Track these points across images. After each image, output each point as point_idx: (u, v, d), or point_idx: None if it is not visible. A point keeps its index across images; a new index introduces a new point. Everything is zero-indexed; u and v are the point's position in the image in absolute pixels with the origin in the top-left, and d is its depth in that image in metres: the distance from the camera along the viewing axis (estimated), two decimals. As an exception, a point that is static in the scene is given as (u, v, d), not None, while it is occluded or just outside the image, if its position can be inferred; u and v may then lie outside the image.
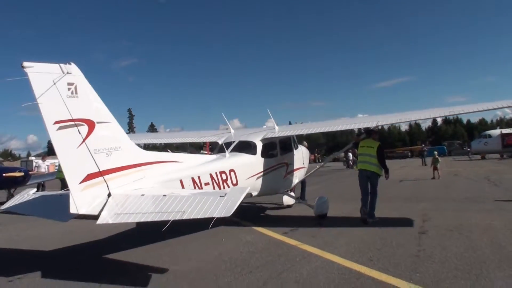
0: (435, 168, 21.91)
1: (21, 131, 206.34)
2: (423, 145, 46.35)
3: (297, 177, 12.26)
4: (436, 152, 23.04)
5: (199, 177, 8.17)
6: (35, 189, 8.68)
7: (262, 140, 10.70)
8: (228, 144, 10.47)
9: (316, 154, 52.57)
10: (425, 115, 12.51)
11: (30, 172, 19.30)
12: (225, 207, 5.60)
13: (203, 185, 8.20)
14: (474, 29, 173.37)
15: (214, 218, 5.44)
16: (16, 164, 50.00)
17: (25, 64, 5.70)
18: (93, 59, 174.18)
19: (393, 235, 7.79)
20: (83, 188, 6.09)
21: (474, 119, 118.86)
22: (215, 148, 11.84)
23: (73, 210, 5.87)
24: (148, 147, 15.84)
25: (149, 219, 5.78)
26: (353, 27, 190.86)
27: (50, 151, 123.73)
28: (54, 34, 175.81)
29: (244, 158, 10.00)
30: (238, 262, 6.43)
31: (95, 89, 6.59)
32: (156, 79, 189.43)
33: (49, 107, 5.87)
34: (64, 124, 6.03)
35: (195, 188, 7.97)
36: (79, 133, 6.18)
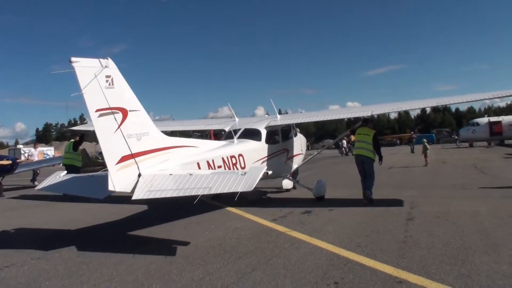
0: (425, 155, 22.07)
1: (9, 119, 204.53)
2: (412, 133, 46.52)
3: (296, 163, 12.96)
4: (425, 140, 23.14)
5: (213, 161, 9.01)
6: (65, 171, 9.34)
7: (266, 128, 11.61)
8: (234, 132, 11.31)
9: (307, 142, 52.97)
10: (416, 105, 14.59)
11: (18, 161, 19.20)
12: (247, 183, 6.54)
13: (216, 167, 9.03)
14: (466, 18, 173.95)
15: (238, 192, 6.45)
16: (4, 152, 49.64)
17: (73, 59, 6.52)
18: (81, 46, 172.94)
19: (381, 222, 7.86)
20: (118, 169, 6.99)
21: (463, 108, 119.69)
22: (217, 135, 12.81)
23: (111, 187, 6.81)
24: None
25: (180, 194, 6.79)
26: (344, 14, 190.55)
27: (38, 139, 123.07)
28: (42, 19, 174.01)
29: (250, 144, 10.84)
30: (227, 248, 6.46)
31: None
32: (144, 66, 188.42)
33: (91, 97, 6.72)
34: (103, 112, 6.89)
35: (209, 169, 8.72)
36: (115, 120, 7.04)
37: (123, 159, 7.08)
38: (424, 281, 4.59)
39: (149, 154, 7.59)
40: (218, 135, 13.00)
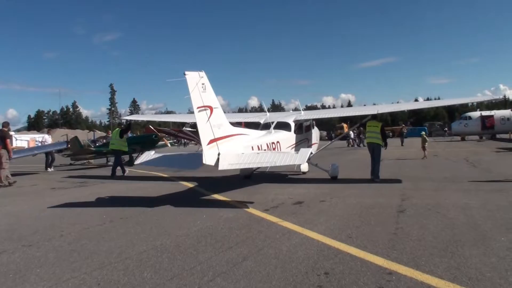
0: (423, 148, 22.11)
1: (1, 105, 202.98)
2: (403, 126, 46.72)
3: (313, 150, 15.52)
4: (424, 132, 23.15)
5: (260, 145, 11.78)
6: (153, 151, 12.67)
7: (294, 121, 14.49)
8: (268, 124, 14.23)
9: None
10: (414, 106, 22.45)
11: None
12: (300, 158, 10.13)
13: (262, 150, 11.67)
14: (459, 12, 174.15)
15: (295, 163, 10.72)
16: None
17: (186, 72, 9.53)
18: (74, 32, 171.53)
19: (373, 214, 7.90)
20: (208, 148, 9.77)
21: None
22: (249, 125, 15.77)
23: (204, 161, 9.54)
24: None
25: (253, 166, 11.37)
26: (338, 5, 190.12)
27: (29, 127, 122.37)
28: (35, 4, 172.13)
29: (284, 134, 13.63)
30: (219, 238, 6.47)
31: (76, 63, 7.16)
32: (138, 54, 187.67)
33: (195, 98, 9.66)
34: (201, 108, 9.81)
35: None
36: (207, 114, 9.93)
37: (211, 141, 9.91)
38: (414, 273, 4.61)
39: (224, 139, 10.33)
40: (250, 125, 15.41)
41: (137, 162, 12.98)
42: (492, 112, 48.83)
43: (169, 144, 31.73)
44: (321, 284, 4.39)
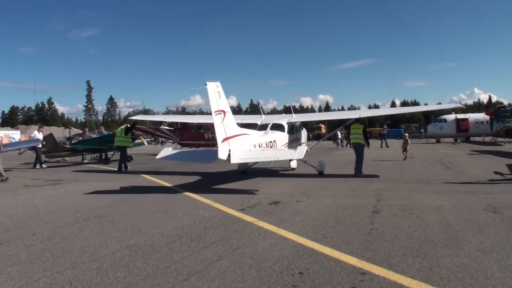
0: (404, 150, 22.28)
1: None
2: (385, 127, 47.13)
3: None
4: (407, 134, 23.32)
5: (261, 143, 13.86)
6: (170, 148, 16.09)
7: (287, 123, 16.58)
8: (265, 125, 16.25)
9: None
10: (392, 111, 32.55)
11: None
12: (299, 154, 12.40)
13: (263, 147, 13.75)
14: (437, 15, 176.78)
15: (294, 159, 13.99)
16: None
17: (207, 82, 11.74)
18: (50, 28, 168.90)
19: (348, 214, 7.96)
20: (222, 145, 11.68)
21: (431, 103, 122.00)
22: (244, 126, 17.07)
23: (219, 156, 11.49)
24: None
25: (259, 160, 13.15)
26: (316, 7, 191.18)
27: (3, 123, 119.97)
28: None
29: (279, 134, 15.73)
30: (194, 237, 6.44)
31: (52, 59, 7.17)
32: (116, 52, 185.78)
33: (213, 104, 11.78)
34: (217, 112, 11.90)
35: None
36: (221, 117, 11.99)
37: (224, 139, 11.85)
38: (386, 273, 4.66)
39: (233, 138, 12.27)
40: (245, 126, 16.23)
41: (157, 157, 14.60)
42: (467, 115, 49.70)
43: (145, 142, 31.52)
44: (295, 284, 4.40)
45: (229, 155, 11.63)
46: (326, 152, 31.72)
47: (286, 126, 16.34)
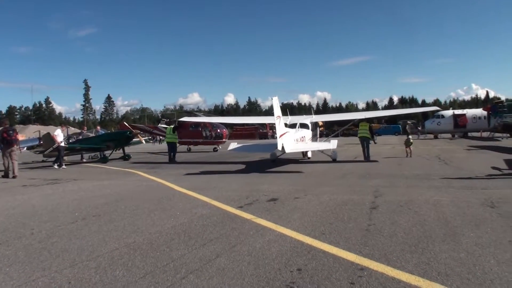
0: (407, 147, 21.70)
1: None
2: (383, 123, 47.39)
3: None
4: (410, 136, 23.04)
5: (297, 139, 19.01)
6: (236, 142, 23.04)
7: (310, 122, 21.65)
8: (294, 124, 20.80)
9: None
10: (391, 113, 38.66)
11: None
12: (333, 145, 19.05)
13: (300, 141, 19.23)
14: (434, 10, 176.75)
15: (331, 149, 19.29)
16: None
17: (273, 97, 17.79)
18: (49, 28, 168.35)
19: (346, 210, 7.97)
20: (279, 140, 16.37)
21: (429, 99, 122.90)
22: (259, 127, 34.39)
23: (278, 147, 16.37)
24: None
25: (304, 150, 21.04)
26: (313, 4, 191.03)
27: (0, 123, 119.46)
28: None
29: (306, 131, 20.67)
30: (192, 235, 6.44)
31: (50, 59, 7.28)
32: (113, 50, 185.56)
33: (276, 111, 17.11)
34: (277, 117, 17.12)
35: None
36: (279, 120, 17.13)
37: (280, 135, 16.69)
38: (385, 268, 4.67)
39: (283, 135, 17.13)
40: (260, 126, 25.99)
41: (228, 149, 21.53)
42: (464, 111, 49.89)
43: (143, 141, 31.49)
44: (293, 281, 4.41)
45: (283, 146, 16.27)
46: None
47: (309, 125, 21.30)
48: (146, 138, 39.88)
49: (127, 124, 31.80)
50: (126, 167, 19.73)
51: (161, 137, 45.67)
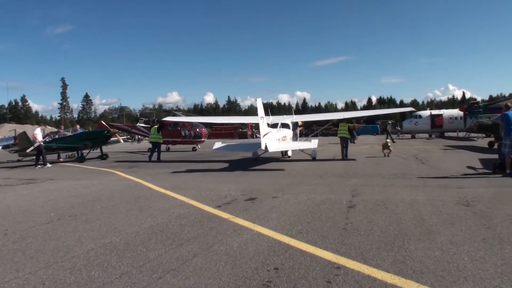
0: (384, 148, 21.75)
1: None
2: (354, 125, 47.74)
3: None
4: (388, 140, 23.23)
5: (279, 138, 19.41)
6: (220, 142, 23.50)
7: (291, 122, 22.16)
8: (276, 124, 21.27)
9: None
10: (369, 113, 37.17)
11: None
12: (314, 144, 20.09)
13: (281, 141, 19.61)
14: (412, 12, 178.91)
15: (311, 148, 20.34)
16: None
17: (257, 99, 18.89)
18: (26, 25, 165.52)
19: (323, 210, 8.01)
20: (263, 139, 17.01)
21: (407, 100, 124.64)
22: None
23: (261, 147, 16.98)
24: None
25: (286, 149, 21.34)
26: (293, 4, 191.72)
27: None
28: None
29: (287, 131, 21.06)
30: (169, 235, 6.40)
31: (25, 56, 7.21)
32: (92, 48, 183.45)
33: (260, 112, 17.81)
34: (261, 118, 17.80)
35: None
36: (262, 121, 17.80)
37: (264, 135, 17.35)
38: (361, 267, 4.72)
39: (267, 134, 17.81)
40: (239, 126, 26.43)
41: (213, 148, 21.44)
42: (441, 111, 50.64)
43: (122, 140, 31.21)
44: (270, 280, 4.42)
45: (266, 146, 16.81)
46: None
47: (290, 124, 21.82)
48: (125, 137, 39.52)
49: (105, 123, 31.47)
50: (104, 167, 19.53)
51: (139, 136, 45.34)
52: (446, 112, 49.78)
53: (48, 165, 20.87)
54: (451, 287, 4.15)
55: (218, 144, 21.98)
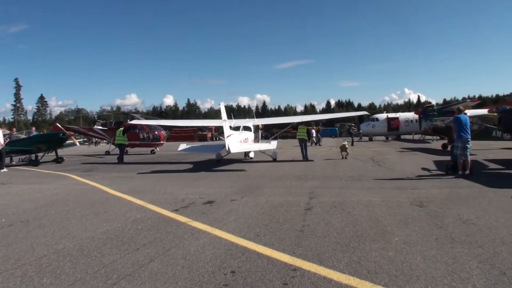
0: (342, 151, 22.01)
1: None
2: (316, 127, 48.30)
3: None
4: (346, 143, 23.41)
5: (241, 140, 20.45)
6: (185, 143, 25.85)
7: (252, 125, 23.34)
8: (238, 127, 22.03)
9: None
10: (327, 116, 50.54)
11: None
12: (273, 146, 21.65)
13: (243, 142, 20.68)
14: (370, 17, 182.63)
15: (271, 149, 21.54)
16: None
17: (220, 103, 21.82)
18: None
19: (281, 212, 8.06)
20: (227, 141, 18.16)
21: (364, 103, 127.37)
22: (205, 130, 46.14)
23: (226, 148, 17.88)
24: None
25: (248, 150, 22.17)
26: (252, 8, 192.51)
27: None
28: None
29: (249, 133, 22.21)
30: (125, 239, 6.30)
31: None
32: (47, 48, 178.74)
33: (223, 115, 20.20)
34: (224, 120, 19.85)
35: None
36: (226, 123, 19.67)
37: (227, 137, 18.50)
38: (317, 268, 4.77)
39: (229, 136, 18.85)
40: (202, 129, 28.39)
41: (178, 149, 22.88)
42: (397, 114, 51.98)
43: (78, 143, 30.54)
44: (227, 283, 4.41)
45: (229, 147, 17.66)
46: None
47: (252, 127, 23.07)
48: (81, 140, 38.62)
49: (60, 126, 30.70)
50: (59, 170, 19.05)
51: (96, 139, 44.43)
52: (402, 115, 51.17)
53: (5, 169, 19.98)
54: (404, 286, 4.25)
55: (183, 145, 23.25)
